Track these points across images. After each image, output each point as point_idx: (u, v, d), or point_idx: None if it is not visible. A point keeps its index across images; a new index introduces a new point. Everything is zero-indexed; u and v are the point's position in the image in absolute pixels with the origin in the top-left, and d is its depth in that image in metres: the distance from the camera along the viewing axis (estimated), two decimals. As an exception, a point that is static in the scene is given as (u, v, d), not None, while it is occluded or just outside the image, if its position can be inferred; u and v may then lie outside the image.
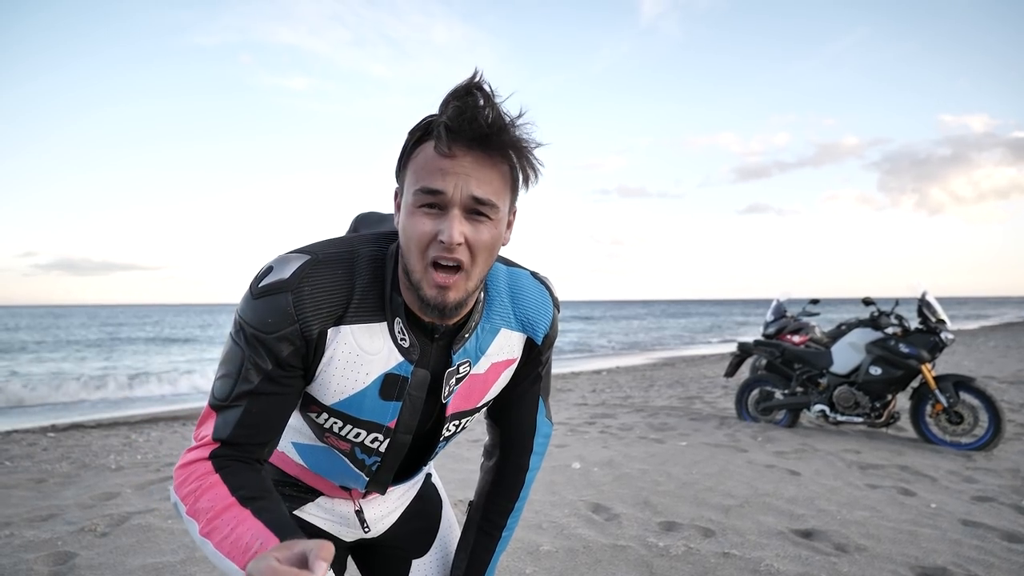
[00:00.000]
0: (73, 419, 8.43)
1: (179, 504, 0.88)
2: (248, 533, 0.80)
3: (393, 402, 0.99)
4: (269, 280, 0.90)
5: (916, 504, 3.54)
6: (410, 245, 0.88)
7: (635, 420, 6.41)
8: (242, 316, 0.92)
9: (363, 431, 1.01)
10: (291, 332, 0.89)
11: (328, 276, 0.92)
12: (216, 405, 0.93)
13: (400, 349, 0.96)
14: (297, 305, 0.89)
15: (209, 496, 0.85)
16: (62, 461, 4.90)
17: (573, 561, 2.74)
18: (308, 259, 0.92)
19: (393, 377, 0.97)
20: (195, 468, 0.89)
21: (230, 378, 0.92)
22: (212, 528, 0.83)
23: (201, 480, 0.87)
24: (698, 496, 3.67)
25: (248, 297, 0.92)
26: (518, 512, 1.23)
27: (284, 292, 0.89)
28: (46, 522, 3.26)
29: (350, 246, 0.97)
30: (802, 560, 2.73)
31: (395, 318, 0.95)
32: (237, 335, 0.92)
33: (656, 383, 10.32)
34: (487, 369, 1.06)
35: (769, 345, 6.13)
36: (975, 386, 4.98)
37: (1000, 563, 2.70)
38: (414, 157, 0.89)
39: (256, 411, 0.91)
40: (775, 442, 5.18)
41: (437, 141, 0.84)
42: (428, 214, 0.86)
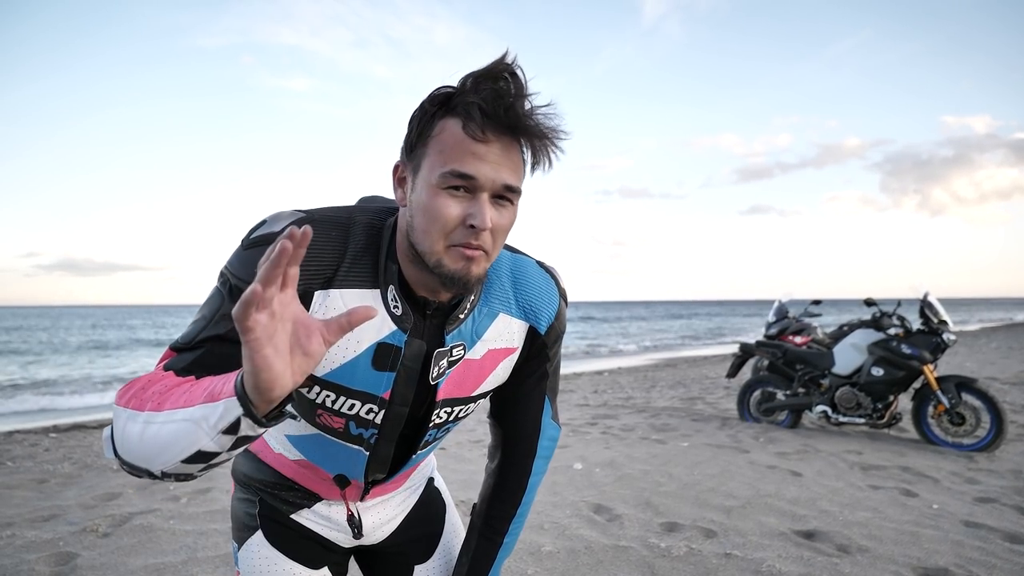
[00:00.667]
0: (75, 419, 8.44)
1: (119, 412, 0.80)
2: (209, 380, 0.76)
3: (387, 372, 0.96)
4: (261, 232, 0.89)
5: (918, 505, 3.54)
6: (432, 227, 0.85)
7: (637, 421, 6.40)
8: (228, 266, 0.89)
9: (357, 402, 0.97)
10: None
11: (321, 235, 0.90)
12: (176, 345, 0.89)
13: (393, 317, 0.93)
14: None
15: (162, 383, 0.81)
16: (64, 462, 4.91)
17: (575, 562, 2.74)
18: (302, 216, 0.91)
19: (386, 347, 0.94)
20: (141, 377, 0.85)
21: (202, 322, 0.89)
22: (165, 399, 0.77)
23: (149, 378, 0.83)
24: (700, 497, 3.66)
25: (238, 248, 0.90)
26: (521, 518, 1.19)
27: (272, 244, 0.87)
28: (48, 522, 3.27)
29: (348, 212, 0.95)
30: (804, 561, 2.72)
31: (388, 286, 0.93)
32: (221, 285, 0.90)
33: (658, 384, 10.31)
34: (483, 355, 1.02)
35: (771, 346, 6.12)
36: (977, 387, 4.97)
37: (1002, 564, 2.70)
38: (436, 134, 0.85)
39: (217, 353, 0.86)
40: (777, 443, 5.18)
41: (468, 122, 0.82)
42: (455, 196, 0.84)
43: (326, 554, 1.18)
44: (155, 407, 0.76)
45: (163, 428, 0.74)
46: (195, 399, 0.73)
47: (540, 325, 1.06)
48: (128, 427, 0.77)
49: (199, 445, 0.71)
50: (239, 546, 1.15)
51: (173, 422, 0.73)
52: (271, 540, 1.13)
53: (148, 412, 0.76)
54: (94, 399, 11.41)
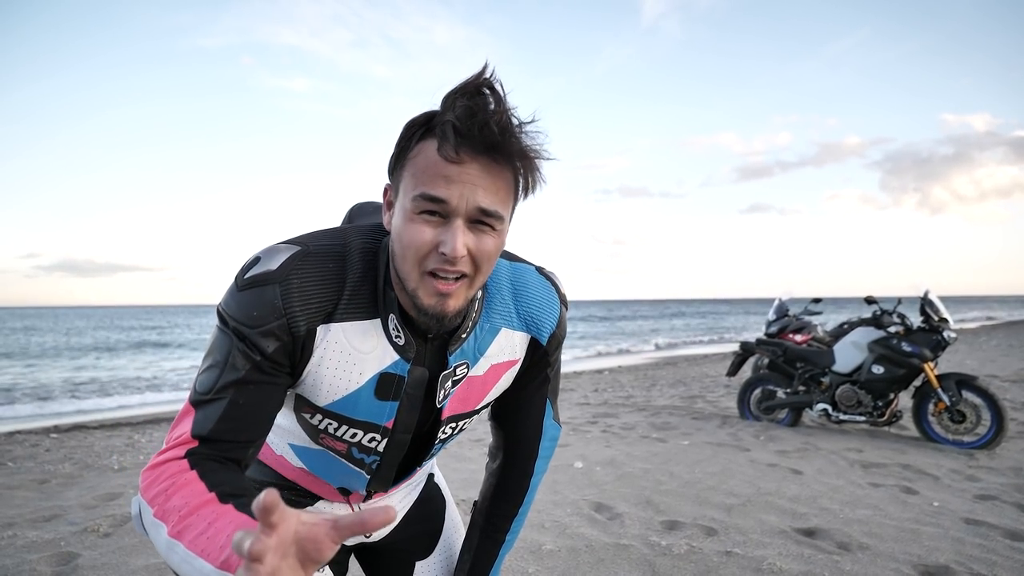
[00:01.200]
0: (75, 420, 8.44)
1: (144, 507, 0.79)
2: (229, 526, 0.71)
3: (390, 402, 0.94)
4: (256, 271, 0.85)
5: (919, 503, 3.54)
6: (406, 253, 0.83)
7: (637, 419, 6.40)
8: (226, 309, 0.86)
9: (359, 431, 0.97)
10: (277, 327, 0.84)
11: (318, 269, 0.87)
12: (197, 400, 0.85)
13: (395, 347, 0.91)
14: (285, 298, 0.84)
15: (183, 493, 0.76)
16: (65, 462, 4.91)
17: (575, 560, 2.74)
18: (298, 250, 0.87)
19: (389, 376, 0.92)
20: (166, 468, 0.80)
21: (215, 369, 0.85)
22: (184, 526, 0.73)
23: (173, 478, 0.78)
24: (700, 495, 3.66)
25: (233, 289, 0.86)
26: (522, 516, 1.19)
27: (271, 284, 0.84)
28: (49, 523, 3.27)
29: (343, 238, 0.91)
30: (805, 559, 2.73)
31: (389, 314, 0.90)
32: (223, 326, 0.87)
33: (658, 382, 10.31)
34: (486, 371, 1.01)
35: (771, 344, 6.12)
36: (977, 385, 4.97)
37: (1003, 561, 2.70)
38: (413, 156, 0.82)
39: (243, 403, 0.84)
40: (777, 441, 5.18)
41: (442, 143, 0.79)
42: (428, 222, 0.81)
43: None
44: (175, 533, 0.74)
45: (183, 566, 0.72)
46: (212, 554, 0.69)
47: (542, 336, 1.05)
48: (153, 532, 0.77)
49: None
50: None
51: (191, 567, 0.71)
52: None
53: (169, 537, 0.74)
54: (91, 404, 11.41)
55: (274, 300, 0.84)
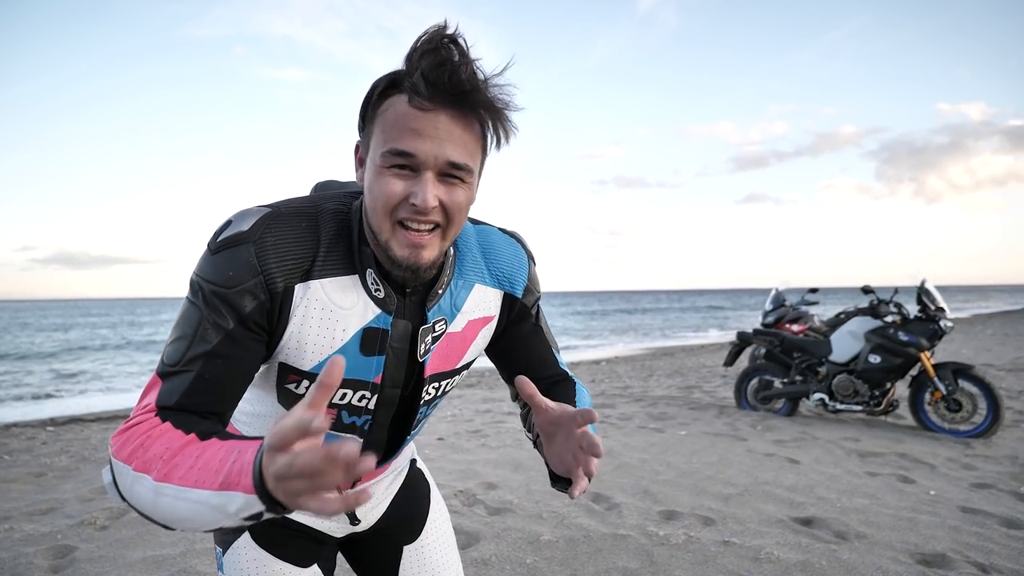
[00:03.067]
0: (72, 413, 8.42)
1: (120, 468, 0.78)
2: (219, 452, 0.72)
3: (376, 356, 0.95)
4: (228, 233, 0.85)
5: (915, 491, 3.55)
6: (376, 205, 0.84)
7: (634, 410, 6.41)
8: (199, 274, 0.85)
9: (348, 391, 0.96)
10: (254, 285, 0.84)
11: (292, 228, 0.87)
12: (164, 371, 0.84)
13: (376, 301, 0.92)
14: (260, 256, 0.84)
15: (160, 442, 0.77)
16: (61, 455, 4.90)
17: (574, 551, 2.74)
18: (269, 211, 0.87)
19: (373, 331, 0.93)
20: (136, 429, 0.80)
21: (184, 340, 0.84)
22: (171, 467, 0.74)
23: (146, 433, 0.79)
24: (698, 485, 3.67)
25: (206, 254, 0.86)
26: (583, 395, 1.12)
27: (245, 243, 0.84)
28: (46, 516, 3.26)
29: (313, 202, 0.92)
30: (802, 547, 2.73)
31: (366, 269, 0.91)
32: (195, 296, 0.86)
33: (655, 373, 10.33)
34: (464, 327, 1.03)
35: (768, 334, 6.13)
36: (974, 374, 4.98)
37: (999, 549, 2.71)
38: (382, 112, 0.83)
39: (210, 376, 0.83)
40: (774, 431, 5.19)
41: (413, 94, 0.79)
42: (398, 175, 0.83)
43: (316, 549, 1.17)
44: (161, 476, 0.74)
45: (178, 504, 0.72)
46: (208, 480, 0.70)
47: (516, 290, 1.07)
48: (135, 489, 0.76)
49: (219, 524, 0.72)
50: (224, 551, 1.11)
51: (187, 501, 0.72)
52: (259, 541, 1.10)
53: (155, 481, 0.74)
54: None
55: (249, 258, 0.84)
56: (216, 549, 1.12)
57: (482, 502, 3.38)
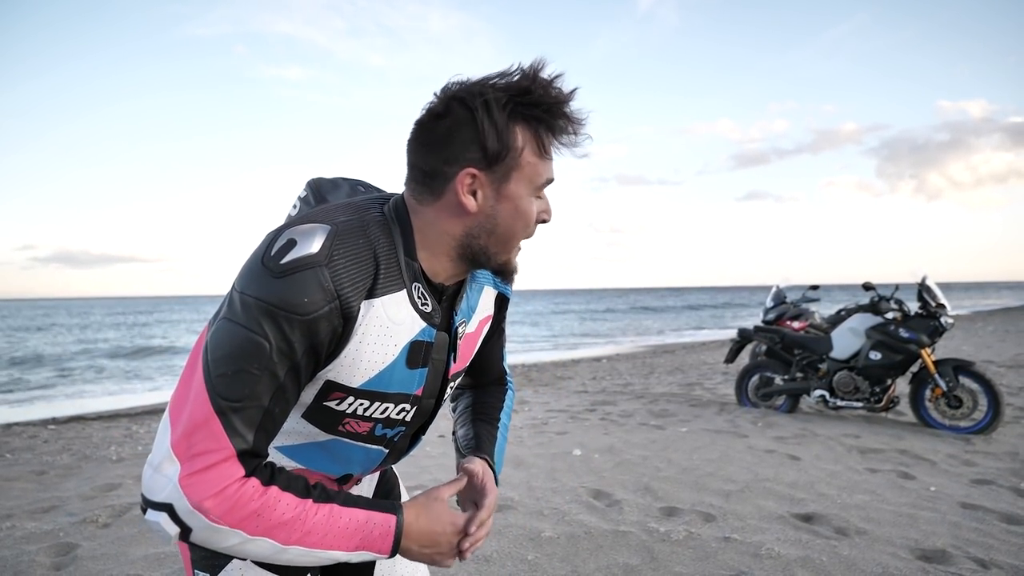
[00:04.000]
0: (74, 411, 8.44)
1: (228, 532, 0.79)
2: (352, 524, 0.85)
3: (419, 369, 0.96)
4: (297, 255, 0.81)
5: (916, 488, 3.56)
6: (523, 232, 0.94)
7: (635, 407, 6.42)
8: (263, 298, 0.79)
9: (391, 404, 0.96)
10: (330, 311, 0.82)
11: (354, 246, 0.85)
12: (224, 407, 0.79)
13: (422, 314, 0.93)
14: (336, 280, 0.82)
15: (279, 510, 0.80)
16: (63, 453, 4.91)
17: (575, 547, 2.75)
18: (331, 229, 0.85)
19: (419, 344, 0.94)
20: (238, 492, 0.79)
21: (247, 373, 0.79)
22: (302, 535, 0.82)
23: (259, 499, 0.80)
24: (699, 481, 3.68)
25: (266, 275, 0.80)
26: (508, 412, 1.25)
27: (318, 267, 0.81)
28: (48, 514, 3.27)
29: (355, 212, 0.90)
30: (802, 544, 2.74)
31: (414, 283, 0.92)
32: (254, 321, 0.80)
33: (656, 370, 10.34)
34: (476, 327, 1.08)
35: (769, 331, 6.12)
36: (974, 370, 4.98)
37: (999, 545, 2.71)
38: (521, 147, 0.89)
39: (278, 411, 0.83)
40: (775, 427, 5.20)
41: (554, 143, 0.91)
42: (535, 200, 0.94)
43: None
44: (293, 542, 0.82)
45: (301, 558, 0.84)
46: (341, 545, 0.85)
47: (508, 291, 1.15)
48: (248, 547, 0.82)
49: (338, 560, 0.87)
50: (213, 575, 1.01)
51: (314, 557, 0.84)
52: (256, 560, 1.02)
53: (283, 544, 0.82)
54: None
55: (325, 283, 0.81)
56: (197, 575, 1.01)
57: (483, 499, 3.39)
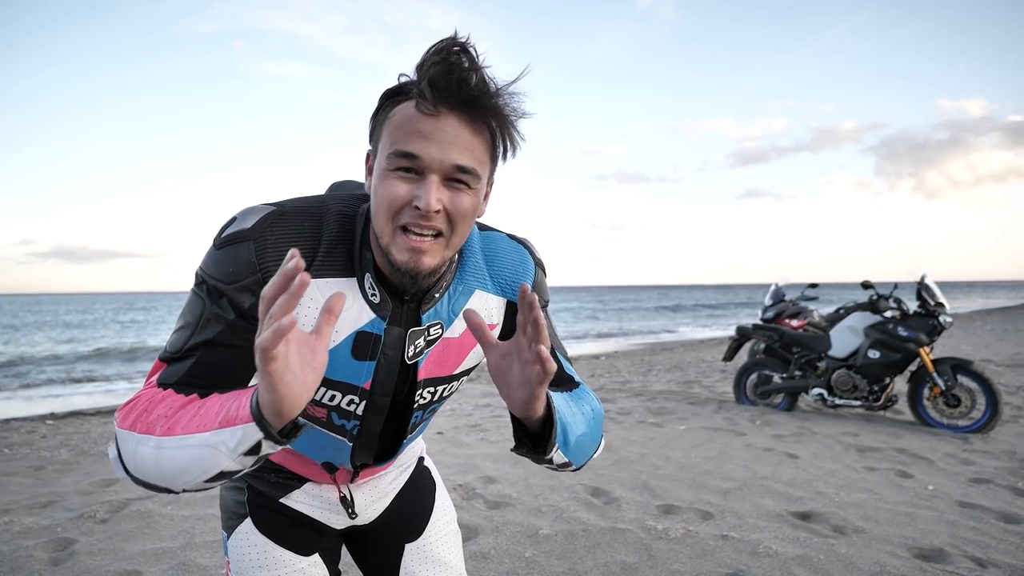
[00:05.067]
0: (72, 407, 8.43)
1: (125, 436, 0.81)
2: (219, 399, 0.77)
3: (367, 362, 0.95)
4: (232, 230, 0.88)
5: (914, 486, 3.56)
6: (380, 208, 0.84)
7: (634, 404, 6.42)
8: (204, 268, 0.89)
9: (337, 393, 0.96)
10: (253, 282, 0.86)
11: (294, 227, 0.89)
12: (166, 357, 0.89)
13: (371, 306, 0.92)
14: (260, 254, 0.86)
15: (164, 404, 0.82)
16: (61, 448, 4.90)
17: (572, 544, 2.75)
18: (273, 210, 0.89)
19: (365, 335, 0.93)
20: (139, 398, 0.85)
21: (187, 329, 0.89)
22: (174, 422, 0.78)
23: (149, 399, 0.83)
24: (697, 479, 3.68)
25: (211, 248, 0.89)
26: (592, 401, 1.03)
27: (247, 241, 0.87)
28: (45, 509, 3.27)
29: (320, 202, 0.94)
30: (800, 542, 2.74)
31: (364, 274, 0.91)
32: (199, 287, 0.90)
33: (654, 368, 10.34)
34: (463, 332, 1.01)
35: (767, 329, 6.13)
36: (973, 369, 4.99)
37: (997, 544, 2.72)
38: (390, 117, 0.84)
39: (209, 361, 0.87)
40: (773, 426, 5.20)
41: (420, 100, 0.80)
42: (403, 178, 0.83)
43: (318, 539, 1.17)
44: (165, 431, 0.78)
45: (179, 453, 0.76)
46: (208, 423, 0.74)
47: (515, 296, 1.04)
48: (139, 451, 0.79)
49: (221, 467, 0.74)
50: (228, 535, 1.14)
51: (189, 447, 0.75)
52: (260, 527, 1.12)
53: (159, 437, 0.78)
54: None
55: (249, 256, 0.86)
56: (223, 534, 1.16)
57: (481, 496, 3.39)
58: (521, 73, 0.84)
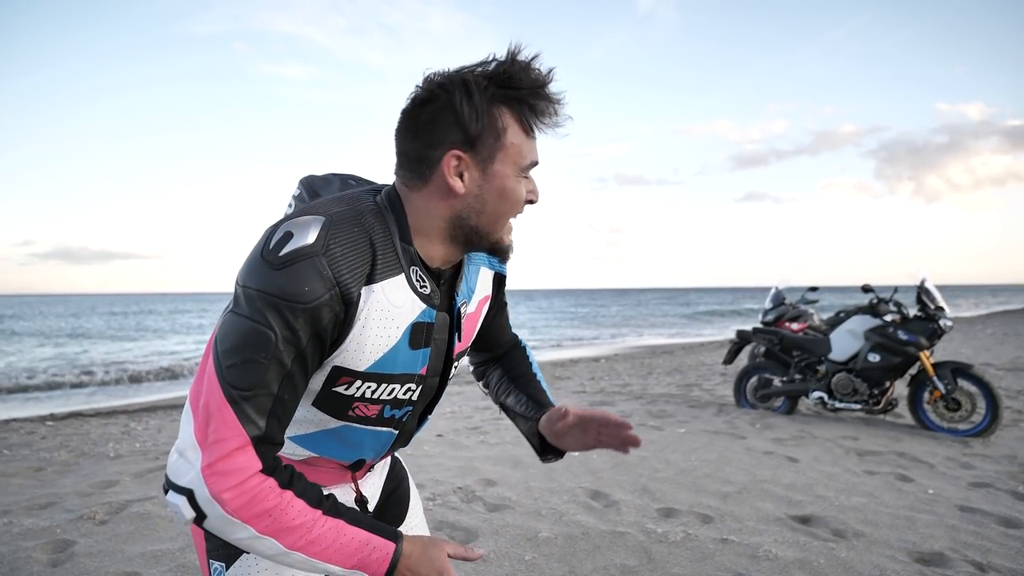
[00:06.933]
0: (72, 408, 8.43)
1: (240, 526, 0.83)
2: (355, 542, 0.89)
3: (422, 349, 1.00)
4: (294, 246, 0.84)
5: (914, 490, 3.56)
6: (511, 209, 0.97)
7: (634, 407, 6.42)
8: (265, 290, 0.83)
9: (397, 385, 1.00)
10: (331, 297, 0.85)
11: (349, 235, 0.89)
12: (237, 397, 0.82)
13: (421, 297, 0.97)
14: (334, 267, 0.85)
15: (291, 513, 0.85)
16: (60, 449, 4.90)
17: (572, 547, 2.75)
18: (326, 219, 0.88)
19: (420, 325, 0.98)
20: (256, 489, 0.83)
21: (255, 363, 0.83)
22: (308, 543, 0.86)
23: (274, 500, 0.85)
24: (697, 483, 3.67)
25: (266, 268, 0.84)
26: (535, 364, 1.33)
27: (315, 256, 0.84)
28: (45, 510, 3.26)
29: (348, 203, 0.94)
30: (800, 546, 2.74)
31: (411, 267, 0.96)
32: (258, 313, 0.83)
33: (654, 371, 10.33)
34: (476, 306, 1.13)
35: (768, 332, 6.13)
36: (973, 373, 4.98)
37: (997, 548, 2.71)
38: (503, 128, 0.93)
39: (288, 397, 0.86)
40: (773, 429, 5.20)
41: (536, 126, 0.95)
42: (522, 180, 0.97)
43: None
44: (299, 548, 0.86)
45: (301, 563, 0.87)
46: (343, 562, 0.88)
47: (504, 270, 1.19)
48: (256, 544, 0.85)
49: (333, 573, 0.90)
50: (227, 565, 1.03)
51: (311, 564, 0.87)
52: None
53: (288, 549, 0.86)
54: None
55: (323, 271, 0.85)
56: (212, 564, 1.04)
57: (481, 499, 3.39)
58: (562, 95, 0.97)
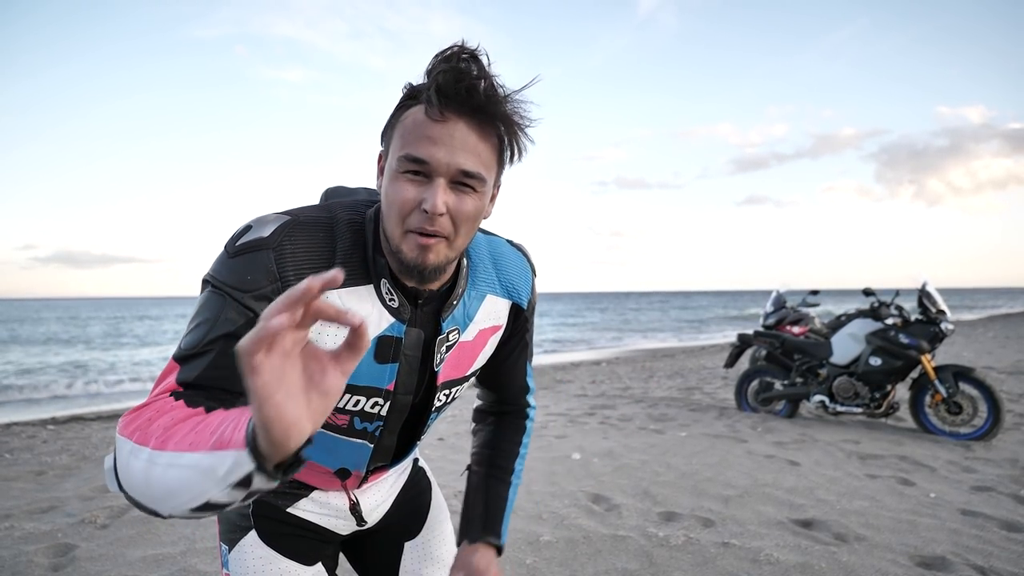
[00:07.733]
0: (73, 411, 8.43)
1: (123, 445, 0.72)
2: (219, 417, 0.67)
3: (389, 364, 0.97)
4: (248, 238, 0.86)
5: (915, 494, 3.55)
6: (391, 211, 0.86)
7: (635, 411, 6.41)
8: (216, 275, 0.86)
9: (362, 397, 0.98)
10: (271, 291, 0.85)
11: (309, 237, 0.88)
12: (182, 355, 0.83)
13: (390, 310, 0.94)
14: (279, 263, 0.85)
15: (167, 416, 0.73)
16: (62, 453, 4.90)
17: (573, 551, 2.75)
18: (288, 220, 0.89)
19: (387, 339, 0.95)
20: (146, 407, 0.77)
21: (204, 325, 0.83)
22: (169, 435, 0.69)
23: (156, 409, 0.76)
24: (698, 486, 3.67)
25: (223, 256, 0.86)
26: (523, 458, 1.26)
27: (265, 250, 0.85)
28: (46, 514, 3.27)
29: (328, 211, 0.93)
30: (802, 550, 2.73)
31: (381, 279, 0.93)
32: (209, 294, 0.86)
33: (656, 374, 10.33)
34: (475, 336, 1.06)
35: (769, 336, 6.12)
36: (974, 376, 4.98)
37: (999, 552, 2.71)
38: (402, 120, 0.86)
39: (230, 353, 0.79)
40: (775, 432, 5.19)
41: (428, 106, 0.82)
42: (412, 180, 0.85)
43: (321, 547, 1.17)
44: (159, 444, 0.69)
45: (168, 472, 0.66)
46: (202, 442, 0.64)
47: (523, 301, 1.12)
48: (131, 463, 0.70)
49: (207, 496, 0.63)
50: (230, 548, 1.12)
51: (177, 467, 0.65)
52: (265, 539, 1.11)
53: (151, 450, 0.69)
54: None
55: (268, 264, 0.85)
56: (221, 546, 1.13)
57: (482, 502, 3.38)
58: (531, 81, 0.87)
